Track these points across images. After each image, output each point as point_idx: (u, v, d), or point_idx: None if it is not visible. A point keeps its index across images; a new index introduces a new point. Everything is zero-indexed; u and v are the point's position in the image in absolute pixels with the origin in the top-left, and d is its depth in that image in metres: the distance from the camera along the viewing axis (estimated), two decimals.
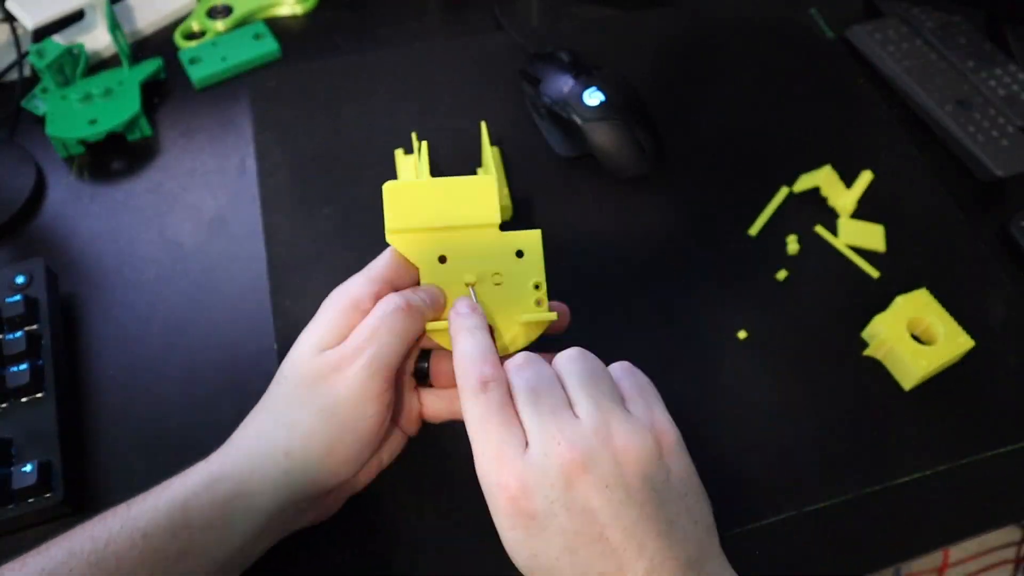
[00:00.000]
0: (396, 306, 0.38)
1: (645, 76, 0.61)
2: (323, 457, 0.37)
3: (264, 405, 0.39)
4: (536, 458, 0.32)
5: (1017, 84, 0.60)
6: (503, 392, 0.34)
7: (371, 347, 0.37)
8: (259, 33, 0.64)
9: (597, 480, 0.32)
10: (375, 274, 0.40)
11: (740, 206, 0.55)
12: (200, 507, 0.35)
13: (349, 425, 0.37)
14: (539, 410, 0.33)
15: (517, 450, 0.33)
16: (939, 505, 0.43)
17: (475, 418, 0.34)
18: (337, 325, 0.38)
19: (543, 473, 0.32)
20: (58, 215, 0.54)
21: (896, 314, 0.47)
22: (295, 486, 0.36)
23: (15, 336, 0.44)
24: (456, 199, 0.41)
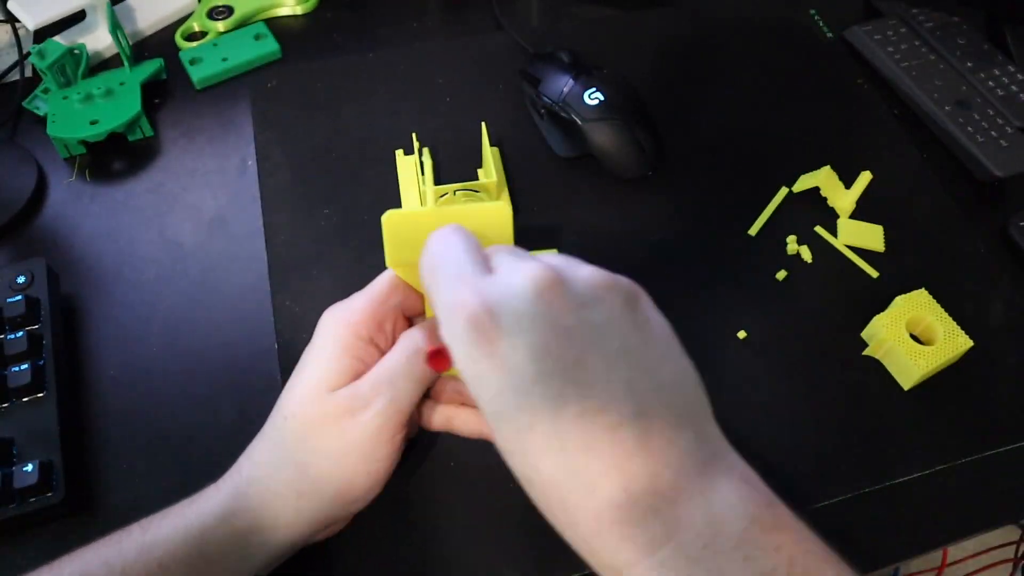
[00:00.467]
0: (418, 350, 0.36)
1: (645, 76, 0.61)
2: (334, 498, 0.36)
3: (271, 435, 0.38)
4: (502, 276, 0.29)
5: (1016, 84, 0.60)
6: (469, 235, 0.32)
7: (388, 393, 0.36)
8: (259, 33, 0.64)
9: (573, 298, 0.28)
10: (377, 297, 0.38)
11: (740, 206, 0.55)
12: (217, 541, 0.35)
13: (361, 468, 0.36)
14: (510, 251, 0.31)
15: (480, 272, 0.29)
16: (938, 505, 0.44)
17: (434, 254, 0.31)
18: (344, 360, 0.36)
19: (508, 288, 0.28)
20: (59, 215, 0.54)
21: (895, 314, 0.47)
22: (309, 523, 0.37)
23: (16, 336, 0.44)
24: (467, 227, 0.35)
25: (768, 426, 0.46)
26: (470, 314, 0.27)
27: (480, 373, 0.27)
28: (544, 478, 0.27)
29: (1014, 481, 0.44)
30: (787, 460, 0.45)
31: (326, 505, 0.36)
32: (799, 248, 0.52)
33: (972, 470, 0.45)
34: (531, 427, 0.27)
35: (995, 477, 0.44)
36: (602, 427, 0.26)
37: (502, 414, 0.27)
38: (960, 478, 0.44)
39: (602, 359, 0.27)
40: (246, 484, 0.36)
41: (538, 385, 0.26)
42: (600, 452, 0.26)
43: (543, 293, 0.27)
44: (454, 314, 0.28)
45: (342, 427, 0.35)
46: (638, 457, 0.26)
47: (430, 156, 0.49)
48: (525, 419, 0.27)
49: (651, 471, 0.26)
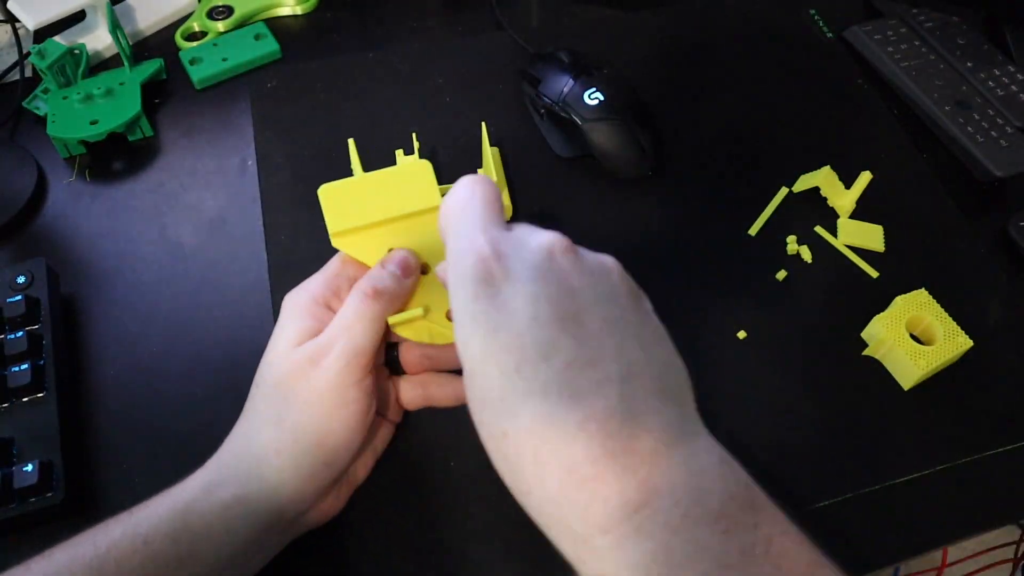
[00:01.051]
0: (364, 295, 0.38)
1: (645, 76, 0.61)
2: (314, 449, 0.37)
3: (248, 408, 0.39)
4: (519, 233, 0.30)
5: (1016, 85, 0.60)
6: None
7: (344, 336, 0.37)
8: (259, 33, 0.64)
9: (582, 265, 0.29)
10: (330, 271, 0.41)
11: (740, 206, 0.55)
12: (200, 512, 0.35)
13: (334, 414, 0.37)
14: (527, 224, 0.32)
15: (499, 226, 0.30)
16: (938, 505, 0.44)
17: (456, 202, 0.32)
18: (305, 322, 0.39)
19: (522, 242, 0.29)
20: (59, 215, 0.54)
21: (895, 314, 0.47)
22: (291, 484, 0.36)
23: (16, 336, 0.44)
24: (395, 188, 0.40)
25: (768, 426, 0.46)
26: (481, 256, 0.28)
27: (477, 311, 0.28)
28: (520, 426, 0.26)
29: (1014, 481, 0.44)
30: (787, 460, 0.45)
31: (307, 459, 0.37)
32: (799, 248, 0.53)
33: (972, 470, 0.45)
34: (517, 369, 0.26)
35: (995, 477, 0.44)
36: (588, 380, 0.26)
37: (489, 355, 0.27)
38: (960, 478, 0.44)
39: (600, 320, 0.28)
40: (228, 455, 0.38)
41: (533, 328, 0.27)
42: (582, 403, 0.26)
43: (555, 253, 0.29)
44: (464, 255, 0.29)
45: (308, 377, 0.37)
46: (619, 415, 0.26)
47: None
48: (512, 360, 0.27)
49: (631, 431, 0.26)
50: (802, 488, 0.44)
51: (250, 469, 0.37)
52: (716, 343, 0.48)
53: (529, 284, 0.28)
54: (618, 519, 0.25)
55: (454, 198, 0.32)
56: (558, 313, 0.27)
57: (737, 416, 0.46)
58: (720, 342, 0.48)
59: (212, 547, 0.35)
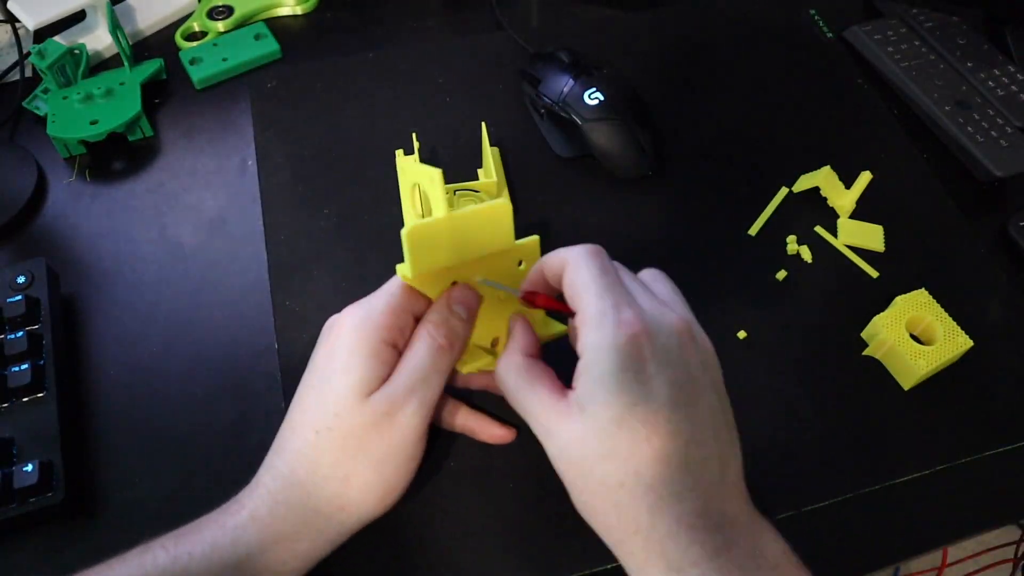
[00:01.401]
0: (440, 346, 0.37)
1: (645, 76, 0.61)
2: (377, 504, 0.37)
3: (304, 456, 0.37)
4: (653, 312, 0.34)
5: (1016, 85, 0.60)
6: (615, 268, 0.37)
7: (420, 390, 0.37)
8: (259, 33, 0.64)
9: (697, 353, 0.35)
10: (399, 304, 0.38)
11: (740, 206, 0.55)
12: (256, 570, 0.35)
13: (402, 469, 0.37)
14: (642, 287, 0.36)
15: (634, 302, 0.35)
16: (938, 505, 0.44)
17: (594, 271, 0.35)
18: (375, 367, 0.37)
19: (660, 324, 0.34)
20: (59, 215, 0.54)
21: (895, 314, 0.47)
22: (346, 534, 0.37)
23: (16, 336, 0.44)
24: (475, 230, 0.38)
25: (768, 426, 0.46)
26: (635, 332, 0.33)
27: (625, 382, 0.32)
28: (643, 482, 0.32)
29: (1014, 481, 0.44)
30: (787, 460, 0.45)
31: (367, 513, 0.37)
32: (799, 248, 0.52)
33: (972, 470, 0.45)
34: (648, 439, 0.32)
35: (995, 477, 0.44)
36: (699, 456, 0.33)
37: (626, 422, 0.32)
38: (960, 478, 0.44)
39: (708, 407, 0.34)
40: (284, 508, 0.36)
41: (665, 409, 0.32)
42: (694, 473, 0.32)
43: (684, 340, 0.34)
44: (620, 327, 0.33)
45: (382, 432, 0.36)
46: (718, 485, 0.33)
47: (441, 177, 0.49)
48: (647, 431, 0.32)
49: (723, 497, 0.33)
50: (802, 488, 0.44)
51: (310, 524, 0.36)
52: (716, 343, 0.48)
53: (669, 369, 0.33)
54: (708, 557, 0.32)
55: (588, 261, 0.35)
56: (685, 398, 0.33)
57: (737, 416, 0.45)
58: (720, 342, 0.48)
59: None
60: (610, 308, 0.33)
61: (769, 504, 0.43)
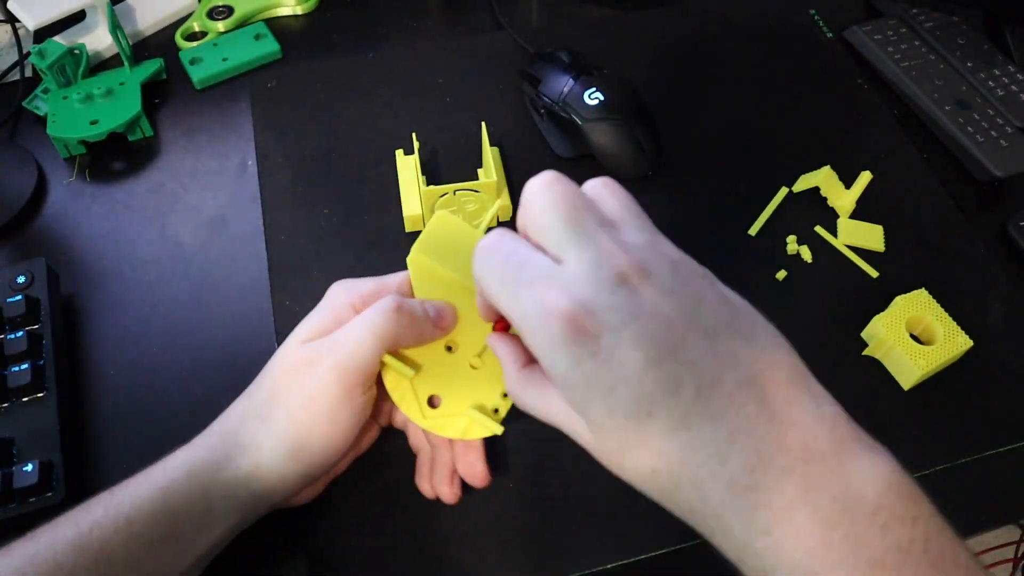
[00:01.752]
0: (386, 307, 0.36)
1: (645, 76, 0.61)
2: (288, 458, 0.36)
3: (248, 392, 0.39)
4: (583, 270, 0.27)
5: (1016, 84, 0.60)
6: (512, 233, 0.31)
7: (346, 345, 0.36)
8: (260, 33, 0.64)
9: (660, 286, 0.27)
10: (387, 285, 0.39)
11: (740, 206, 0.55)
12: (181, 494, 0.35)
13: (317, 428, 0.36)
14: (577, 228, 0.29)
15: (552, 270, 0.28)
16: (938, 505, 0.43)
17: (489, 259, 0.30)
18: (328, 320, 0.38)
19: (596, 283, 0.27)
20: (59, 215, 0.54)
21: (895, 314, 0.47)
22: (267, 478, 0.36)
23: (16, 336, 0.44)
24: None
25: None
26: (565, 315, 0.27)
27: (587, 374, 0.27)
28: (671, 460, 0.27)
29: (1014, 481, 0.44)
30: None
31: (281, 464, 0.36)
32: (799, 248, 0.52)
33: (972, 470, 0.45)
34: (650, 414, 0.26)
35: (995, 477, 0.44)
36: (720, 396, 0.26)
37: (616, 410, 0.27)
38: (960, 478, 0.44)
39: (702, 336, 0.27)
40: (216, 437, 0.37)
41: (649, 372, 0.26)
42: (724, 421, 0.26)
43: (631, 285, 0.27)
44: (546, 319, 0.27)
45: (301, 379, 0.36)
46: (762, 418, 0.26)
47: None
48: (643, 408, 0.26)
49: (778, 431, 0.26)
50: None
51: (231, 456, 0.36)
52: None
53: (626, 328, 0.26)
54: (780, 519, 0.26)
55: (488, 264, 0.30)
56: (664, 348, 0.26)
57: None
58: None
59: (193, 527, 0.35)
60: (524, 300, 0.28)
61: None
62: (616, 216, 0.30)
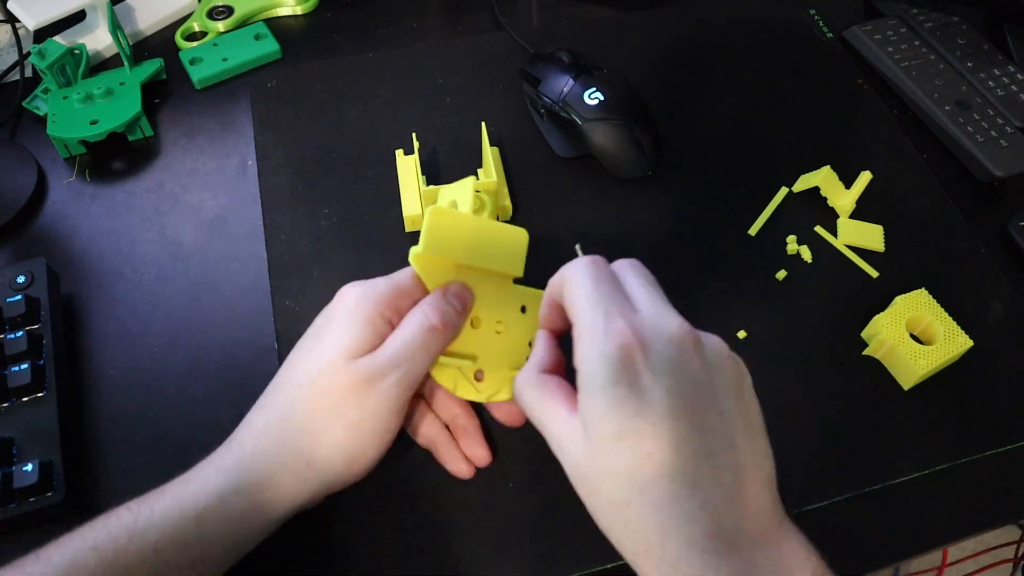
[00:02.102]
0: (432, 325, 0.38)
1: (645, 76, 0.61)
2: (343, 468, 0.37)
3: (280, 408, 0.37)
4: (650, 318, 0.33)
5: (1016, 84, 0.60)
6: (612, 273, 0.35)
7: (406, 364, 0.37)
8: (260, 33, 0.64)
9: (705, 359, 0.32)
10: (402, 285, 0.39)
11: (740, 206, 0.55)
12: (215, 522, 0.35)
13: (374, 439, 0.37)
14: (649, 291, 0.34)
15: (630, 309, 0.33)
16: (938, 505, 0.44)
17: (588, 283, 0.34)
18: (366, 332, 0.37)
19: (658, 331, 0.32)
20: (59, 215, 0.54)
21: (895, 314, 0.47)
22: (309, 493, 0.37)
23: (16, 336, 0.44)
24: (492, 242, 0.40)
25: (768, 426, 0.45)
26: (624, 342, 0.31)
27: (619, 395, 0.31)
28: (649, 501, 0.30)
29: (1014, 481, 0.44)
30: (787, 460, 0.44)
31: (332, 475, 0.37)
32: (799, 248, 0.52)
33: (972, 470, 0.45)
34: (650, 455, 0.30)
35: (995, 477, 0.44)
36: (709, 469, 0.31)
37: (624, 436, 0.31)
38: (960, 478, 0.44)
39: (718, 416, 0.32)
40: (250, 459, 0.36)
41: (667, 420, 0.30)
42: (704, 489, 0.30)
43: (686, 347, 0.32)
44: (609, 337, 0.31)
45: (360, 396, 0.36)
46: (734, 501, 0.31)
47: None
48: (646, 446, 0.30)
49: (740, 514, 0.31)
50: (802, 488, 0.43)
51: (272, 476, 0.36)
52: None
53: (667, 378, 0.31)
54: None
55: (576, 277, 0.34)
56: (688, 408, 0.31)
57: None
58: None
59: (223, 551, 0.35)
60: (600, 318, 0.32)
61: None
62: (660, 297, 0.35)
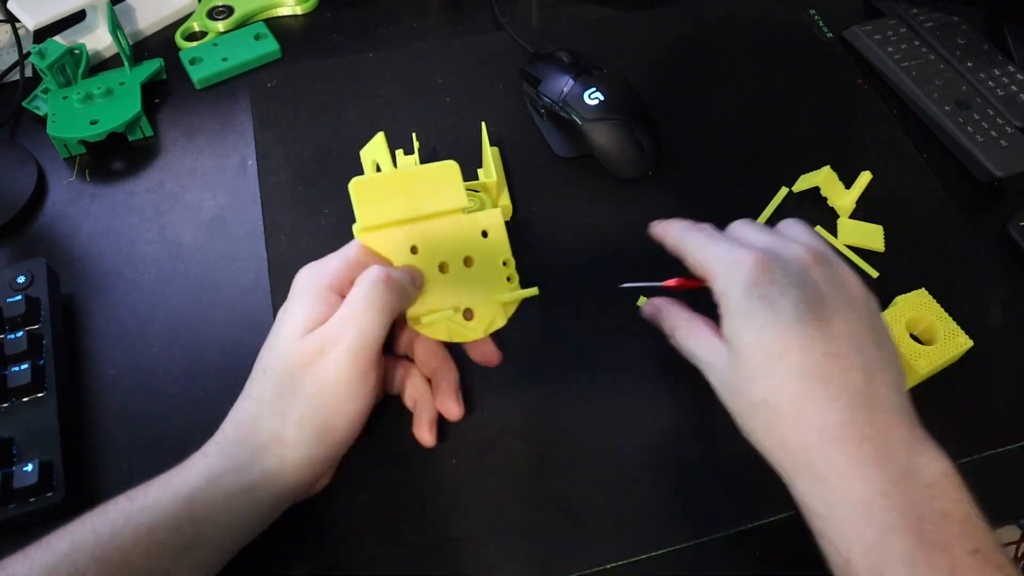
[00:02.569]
0: (376, 278, 0.38)
1: (645, 76, 0.61)
2: (317, 440, 0.37)
3: (252, 394, 0.39)
4: (773, 244, 0.37)
5: (1016, 84, 0.60)
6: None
7: (353, 328, 0.37)
8: (259, 33, 0.64)
9: (826, 275, 0.36)
10: (351, 259, 0.40)
11: (740, 206, 0.55)
12: (204, 502, 0.35)
13: (340, 409, 0.37)
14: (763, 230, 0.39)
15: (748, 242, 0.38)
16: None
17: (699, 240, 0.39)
18: (315, 308, 0.38)
19: (780, 251, 0.36)
20: (59, 215, 0.54)
21: (895, 314, 0.47)
22: (293, 473, 0.37)
23: (16, 336, 0.44)
24: (423, 187, 0.41)
25: None
26: (754, 263, 0.35)
27: (752, 308, 0.35)
28: (782, 397, 0.34)
29: (1015, 481, 0.44)
30: None
31: (310, 450, 0.37)
32: None
33: (972, 470, 0.44)
34: (781, 356, 0.34)
35: (995, 477, 0.44)
36: (838, 367, 0.34)
37: (758, 343, 0.34)
38: None
39: (844, 322, 0.35)
40: (233, 444, 0.37)
41: (796, 325, 0.34)
42: (834, 384, 0.33)
43: (809, 263, 0.36)
44: (738, 263, 0.35)
45: (314, 368, 0.37)
46: (861, 394, 0.34)
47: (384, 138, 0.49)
48: (779, 348, 0.34)
49: (870, 405, 0.33)
50: None
51: (253, 458, 0.37)
52: None
53: (793, 290, 0.35)
54: (855, 467, 0.32)
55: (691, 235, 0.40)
56: (813, 314, 0.34)
57: None
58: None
59: (216, 534, 0.36)
60: (725, 253, 0.37)
61: (769, 504, 0.43)
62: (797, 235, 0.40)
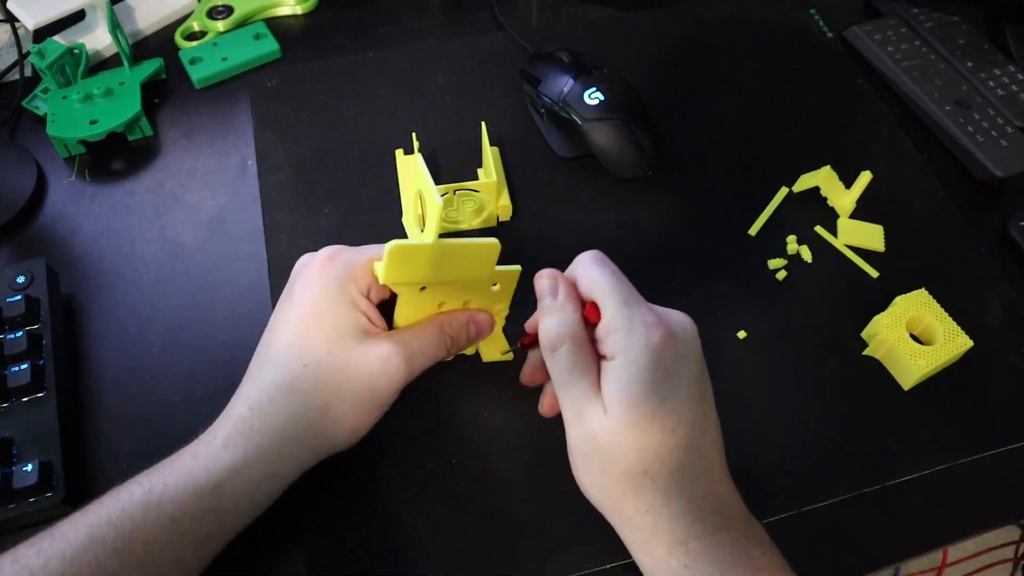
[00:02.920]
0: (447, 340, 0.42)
1: (645, 76, 0.61)
2: (349, 436, 0.39)
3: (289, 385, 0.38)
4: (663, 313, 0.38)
5: (1016, 84, 0.60)
6: None
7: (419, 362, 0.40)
8: (259, 33, 0.64)
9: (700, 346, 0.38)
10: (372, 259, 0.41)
11: (740, 206, 0.55)
12: (230, 494, 0.36)
13: (375, 412, 0.39)
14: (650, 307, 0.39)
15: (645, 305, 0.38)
16: (938, 505, 0.44)
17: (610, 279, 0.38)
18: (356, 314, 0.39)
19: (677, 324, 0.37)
20: (59, 215, 0.54)
21: (895, 314, 0.47)
22: (315, 460, 0.39)
23: (16, 336, 0.44)
24: (459, 260, 0.39)
25: (768, 426, 0.46)
26: (663, 334, 0.36)
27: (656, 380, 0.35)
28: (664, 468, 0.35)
29: (1014, 481, 0.44)
30: (787, 460, 0.45)
31: (338, 443, 0.39)
32: (799, 248, 0.52)
33: (972, 470, 0.45)
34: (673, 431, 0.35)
35: (995, 477, 0.44)
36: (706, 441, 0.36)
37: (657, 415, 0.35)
38: (960, 478, 0.44)
39: (710, 396, 0.38)
40: (258, 434, 0.37)
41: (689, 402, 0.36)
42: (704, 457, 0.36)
43: (694, 334, 0.38)
44: (650, 330, 0.36)
45: (374, 376, 0.38)
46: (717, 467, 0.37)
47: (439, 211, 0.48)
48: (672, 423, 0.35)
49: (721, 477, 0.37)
50: (802, 488, 0.44)
51: (287, 451, 0.37)
52: (716, 343, 0.48)
53: (689, 364, 0.37)
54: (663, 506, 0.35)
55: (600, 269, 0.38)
56: (700, 390, 0.37)
57: (737, 416, 0.46)
58: (720, 342, 0.48)
59: (240, 520, 0.37)
60: (636, 314, 0.36)
61: (768, 504, 0.43)
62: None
